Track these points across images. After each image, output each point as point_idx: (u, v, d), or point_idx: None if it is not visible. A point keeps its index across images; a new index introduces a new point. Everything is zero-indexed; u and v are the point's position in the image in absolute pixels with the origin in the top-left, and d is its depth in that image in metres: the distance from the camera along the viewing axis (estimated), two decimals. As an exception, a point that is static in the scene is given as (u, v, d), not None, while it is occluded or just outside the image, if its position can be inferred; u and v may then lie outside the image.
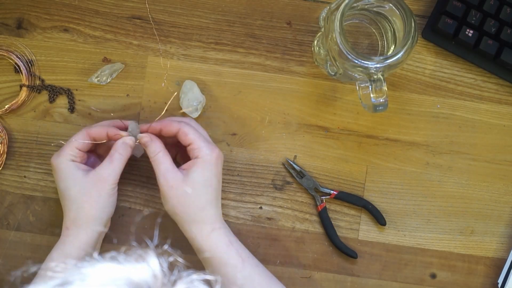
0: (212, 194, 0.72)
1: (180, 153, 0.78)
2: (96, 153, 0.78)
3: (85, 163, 0.74)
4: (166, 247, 0.50)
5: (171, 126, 0.72)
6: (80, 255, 0.70)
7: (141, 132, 0.74)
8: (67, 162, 0.72)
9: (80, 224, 0.71)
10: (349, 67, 0.73)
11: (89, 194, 0.71)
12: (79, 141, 0.72)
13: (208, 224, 0.72)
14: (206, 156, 0.71)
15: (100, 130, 0.73)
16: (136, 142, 0.74)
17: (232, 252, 0.71)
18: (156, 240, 0.66)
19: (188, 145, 0.72)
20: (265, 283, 0.72)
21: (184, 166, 0.72)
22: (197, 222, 0.72)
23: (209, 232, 0.71)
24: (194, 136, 0.71)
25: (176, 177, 0.71)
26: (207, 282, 0.46)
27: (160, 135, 0.74)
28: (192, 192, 0.71)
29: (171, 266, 0.47)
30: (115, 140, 0.73)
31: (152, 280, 0.45)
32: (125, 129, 0.74)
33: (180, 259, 0.49)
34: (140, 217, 0.81)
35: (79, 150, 0.73)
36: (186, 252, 0.52)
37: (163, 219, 0.78)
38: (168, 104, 0.78)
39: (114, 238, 0.78)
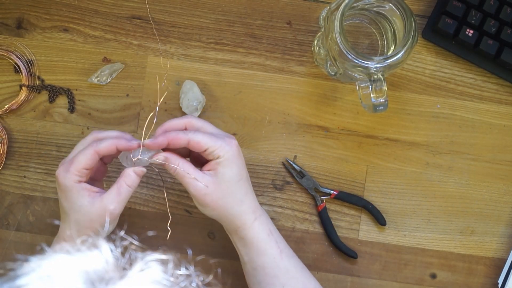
0: (246, 186, 0.71)
1: (192, 154, 0.75)
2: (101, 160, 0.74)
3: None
4: (121, 233, 0.50)
5: (179, 139, 0.68)
6: None
7: (148, 147, 0.69)
8: (73, 183, 0.67)
9: (76, 242, 0.70)
10: (349, 67, 0.73)
11: (92, 223, 0.68)
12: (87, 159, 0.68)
13: (249, 214, 0.71)
14: (228, 153, 0.69)
15: (109, 146, 0.68)
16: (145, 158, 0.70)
17: (272, 242, 0.71)
18: (107, 226, 0.66)
19: (204, 150, 0.69)
20: (299, 276, 0.72)
21: (209, 167, 0.70)
22: (239, 216, 0.71)
23: (252, 222, 0.71)
24: (207, 141, 0.68)
25: (208, 183, 0.69)
26: (163, 262, 0.46)
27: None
28: (228, 190, 0.70)
29: (126, 251, 0.47)
30: (125, 150, 0.70)
31: (104, 266, 0.45)
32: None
33: (135, 242, 0.49)
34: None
35: (86, 169, 0.68)
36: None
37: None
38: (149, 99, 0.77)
39: None
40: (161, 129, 0.71)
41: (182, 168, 0.68)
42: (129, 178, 0.68)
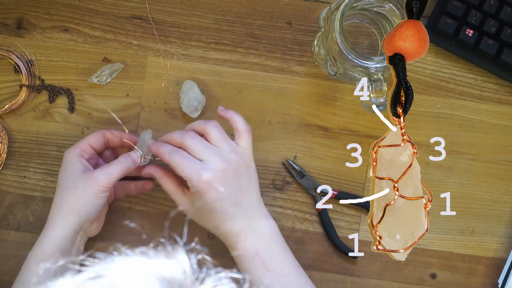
0: (221, 215, 0.70)
1: None
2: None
3: (95, 163, 0.76)
4: (194, 244, 0.50)
5: (163, 158, 0.71)
6: (55, 251, 0.71)
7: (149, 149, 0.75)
8: (74, 155, 0.73)
9: (59, 216, 0.71)
10: (349, 67, 0.73)
11: (76, 188, 0.71)
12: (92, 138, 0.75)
13: (230, 237, 0.71)
14: (194, 188, 0.69)
15: (115, 133, 0.76)
16: (145, 158, 0.75)
17: (257, 263, 0.70)
18: (185, 237, 0.67)
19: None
20: None
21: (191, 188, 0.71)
22: (220, 235, 0.73)
23: (233, 244, 0.71)
24: (180, 169, 0.69)
25: (182, 204, 0.72)
26: (235, 280, 0.47)
27: None
28: (201, 216, 0.72)
29: (199, 264, 0.47)
30: (125, 145, 0.76)
31: (182, 277, 0.45)
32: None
33: (207, 257, 0.49)
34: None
35: (91, 146, 0.74)
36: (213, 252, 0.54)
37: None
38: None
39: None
40: (161, 139, 0.74)
41: (165, 186, 0.73)
42: (123, 157, 0.73)
